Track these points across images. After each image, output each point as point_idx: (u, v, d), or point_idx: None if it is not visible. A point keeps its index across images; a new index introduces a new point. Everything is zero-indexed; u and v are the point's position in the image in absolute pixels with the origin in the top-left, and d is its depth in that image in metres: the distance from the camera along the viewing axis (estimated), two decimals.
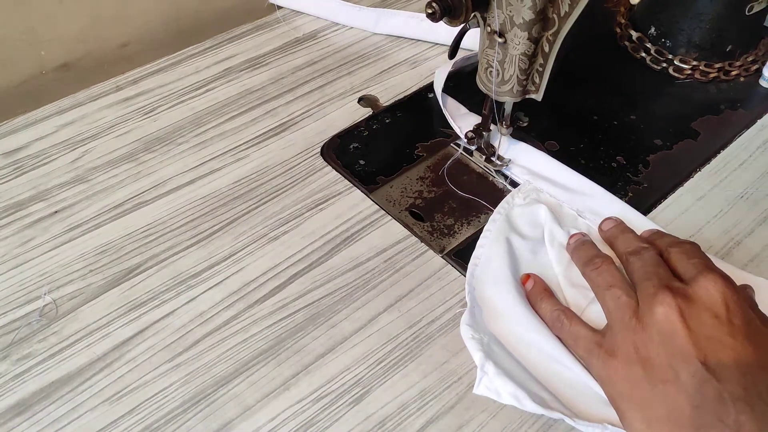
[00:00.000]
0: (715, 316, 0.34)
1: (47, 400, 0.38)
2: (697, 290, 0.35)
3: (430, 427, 0.37)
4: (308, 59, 0.62)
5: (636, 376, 0.35)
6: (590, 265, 0.41)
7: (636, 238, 0.42)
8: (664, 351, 0.34)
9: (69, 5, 0.58)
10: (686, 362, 0.33)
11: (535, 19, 0.40)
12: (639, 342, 0.35)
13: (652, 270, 0.37)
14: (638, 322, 0.36)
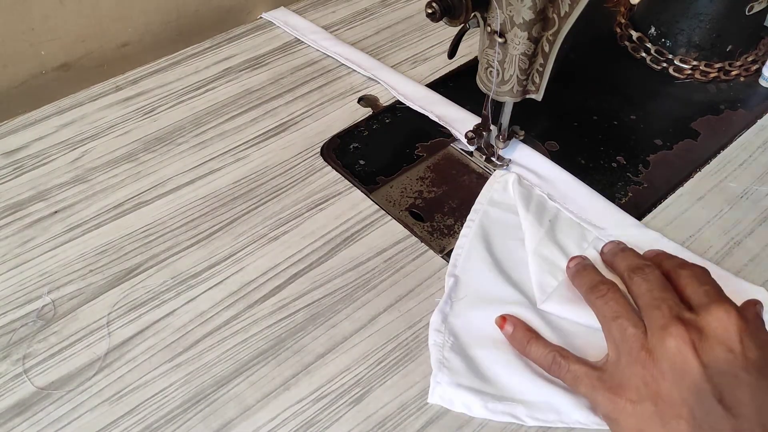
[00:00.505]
0: (730, 350, 0.33)
1: (47, 400, 0.38)
2: (710, 321, 0.34)
3: (430, 427, 0.37)
4: (308, 59, 0.62)
5: (646, 413, 0.33)
6: (595, 292, 0.39)
7: (637, 256, 0.41)
8: (677, 387, 0.33)
9: (69, 5, 0.58)
10: (701, 399, 0.32)
11: (535, 19, 0.40)
12: (649, 377, 0.34)
13: (660, 296, 0.36)
14: (648, 355, 0.34)
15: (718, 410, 0.32)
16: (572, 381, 0.37)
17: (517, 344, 0.40)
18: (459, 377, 0.39)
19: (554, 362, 0.38)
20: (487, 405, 0.38)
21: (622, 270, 0.40)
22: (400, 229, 0.47)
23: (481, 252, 0.45)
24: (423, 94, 0.57)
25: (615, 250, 0.43)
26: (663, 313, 0.35)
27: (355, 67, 0.60)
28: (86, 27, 0.61)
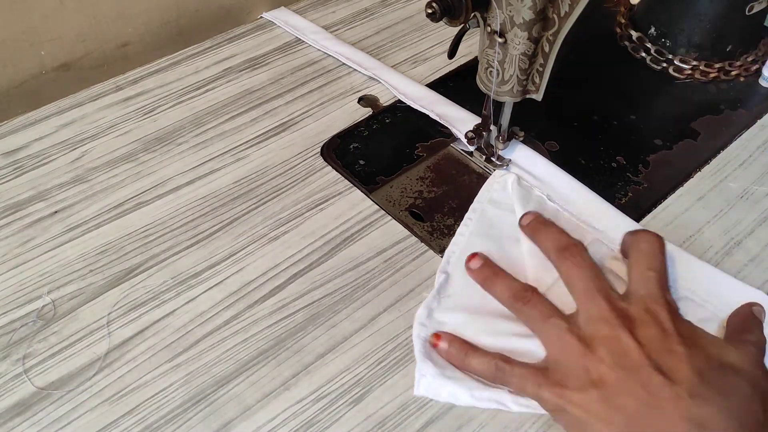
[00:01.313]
0: (663, 330, 0.36)
1: (47, 400, 0.38)
2: (642, 308, 0.37)
3: (430, 427, 0.37)
4: (308, 59, 0.62)
5: (592, 398, 0.34)
6: (519, 299, 0.40)
7: (560, 231, 0.42)
8: (618, 368, 0.35)
9: (69, 5, 0.58)
10: (641, 373, 0.34)
11: (535, 19, 0.40)
12: (590, 365, 0.35)
13: (594, 285, 0.38)
14: (586, 345, 0.36)
15: (659, 379, 0.33)
16: (518, 383, 0.37)
17: (455, 359, 0.39)
18: (443, 368, 0.39)
19: (497, 369, 0.38)
20: (473, 394, 0.38)
21: (549, 249, 0.42)
22: (400, 229, 0.47)
23: (475, 250, 0.45)
24: (423, 93, 0.57)
25: (535, 223, 0.44)
26: (597, 304, 0.37)
27: (356, 66, 0.60)
28: (86, 27, 0.61)
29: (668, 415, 0.33)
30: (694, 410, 0.32)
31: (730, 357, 0.35)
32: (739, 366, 0.35)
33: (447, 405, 0.38)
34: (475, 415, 0.38)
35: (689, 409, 0.32)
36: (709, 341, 0.37)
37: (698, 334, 0.37)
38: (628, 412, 0.33)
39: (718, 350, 0.36)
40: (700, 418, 0.32)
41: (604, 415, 0.34)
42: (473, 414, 0.38)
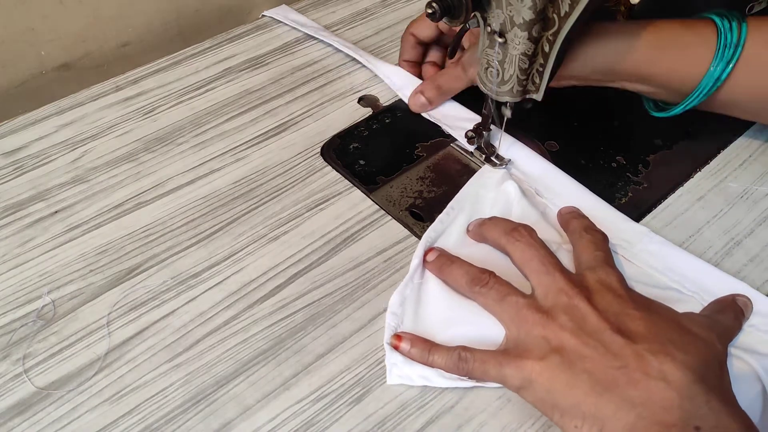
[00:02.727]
0: (619, 296, 0.37)
1: (47, 400, 0.38)
2: (598, 278, 0.39)
3: (429, 427, 0.37)
4: (308, 59, 0.62)
5: (554, 365, 0.35)
6: (476, 283, 0.40)
7: (504, 220, 0.44)
8: (578, 334, 0.35)
9: (69, 5, 0.58)
10: (602, 335, 0.35)
11: (535, 19, 0.40)
12: (550, 334, 0.36)
13: (547, 261, 0.40)
14: (545, 315, 0.37)
15: (619, 339, 0.34)
16: (480, 369, 0.37)
17: (418, 358, 0.39)
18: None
19: (460, 359, 0.38)
20: (444, 374, 0.38)
21: (497, 236, 0.43)
22: (400, 229, 0.47)
23: (454, 238, 0.45)
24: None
25: (479, 221, 0.45)
26: (553, 278, 0.38)
27: (363, 60, 0.60)
28: (86, 27, 0.61)
29: (631, 372, 0.33)
30: (656, 365, 0.33)
31: (686, 322, 0.37)
32: (695, 330, 0.36)
33: (447, 405, 0.38)
34: (475, 415, 0.38)
35: (651, 365, 0.33)
36: (665, 308, 0.38)
37: (653, 302, 0.39)
38: (592, 374, 0.34)
39: (674, 315, 0.38)
40: (662, 372, 0.33)
41: (568, 379, 0.34)
42: (473, 414, 0.38)
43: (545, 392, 0.35)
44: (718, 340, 0.36)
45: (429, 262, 0.44)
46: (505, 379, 0.37)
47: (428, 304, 0.42)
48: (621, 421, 0.32)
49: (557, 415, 0.35)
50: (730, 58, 0.44)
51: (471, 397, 0.39)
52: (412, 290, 0.43)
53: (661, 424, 0.32)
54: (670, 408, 0.32)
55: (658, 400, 0.32)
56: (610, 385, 0.33)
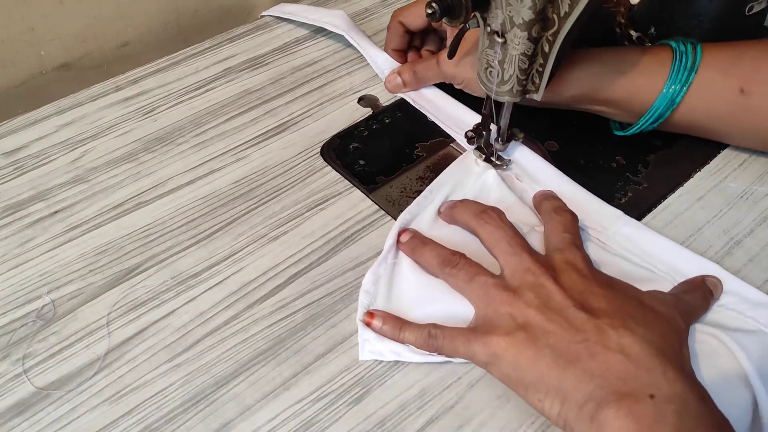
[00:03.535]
0: (583, 275, 0.39)
1: (47, 400, 0.38)
2: (564, 258, 0.40)
3: (429, 427, 0.37)
4: (308, 59, 0.62)
5: (520, 340, 0.36)
6: (447, 264, 0.41)
7: (475, 202, 0.45)
8: (543, 310, 0.37)
9: (69, 5, 0.58)
10: (565, 312, 0.36)
11: (535, 19, 0.40)
12: (516, 311, 0.37)
13: (515, 242, 0.41)
14: (512, 294, 0.38)
15: (582, 315, 0.36)
16: (450, 345, 0.39)
17: (390, 335, 0.40)
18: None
19: (430, 336, 0.39)
20: (415, 349, 0.40)
21: (467, 218, 0.44)
22: None
23: (428, 220, 0.46)
24: (425, 91, 0.58)
25: (451, 203, 0.46)
26: (520, 258, 0.40)
27: (352, 40, 0.60)
28: (86, 27, 0.61)
29: (592, 345, 0.35)
30: (615, 339, 0.35)
31: (648, 300, 0.38)
32: (657, 308, 0.38)
33: (447, 405, 0.38)
34: (475, 415, 0.38)
35: (611, 338, 0.35)
36: (628, 287, 0.40)
37: (617, 281, 0.40)
38: (555, 348, 0.35)
39: (636, 293, 0.39)
40: (621, 345, 0.34)
41: (533, 354, 0.36)
42: (473, 414, 0.38)
43: (511, 367, 0.36)
44: (680, 318, 0.38)
45: (402, 243, 0.45)
46: (474, 355, 0.38)
47: (401, 283, 0.43)
48: (581, 392, 0.34)
49: (522, 389, 0.36)
50: (684, 81, 0.46)
51: (471, 397, 0.39)
52: (386, 270, 0.44)
53: (618, 393, 0.33)
54: (627, 378, 0.33)
55: (616, 371, 0.34)
56: (572, 358, 0.35)
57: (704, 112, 0.48)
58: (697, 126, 0.49)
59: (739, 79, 0.46)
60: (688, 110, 0.47)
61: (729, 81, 0.46)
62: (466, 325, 0.40)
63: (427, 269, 0.43)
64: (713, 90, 0.46)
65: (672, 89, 0.46)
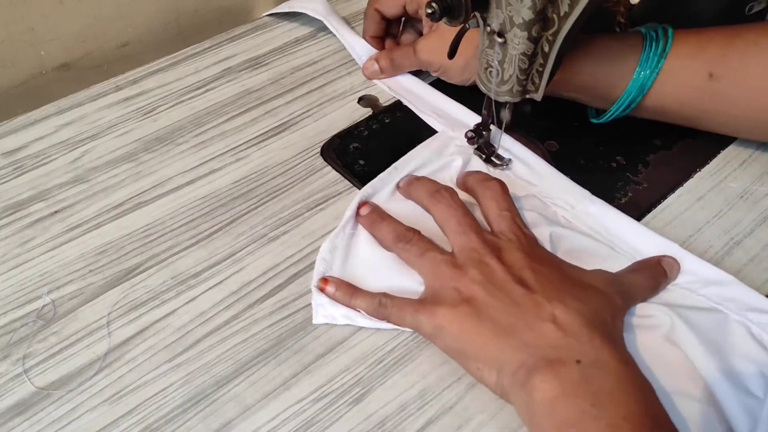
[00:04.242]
0: (525, 253, 0.41)
1: (47, 400, 0.38)
2: (506, 239, 0.42)
3: (430, 427, 0.37)
4: (308, 59, 0.62)
5: (464, 313, 0.38)
6: (402, 239, 0.43)
7: (431, 181, 0.47)
8: (486, 286, 0.39)
9: (69, 5, 0.58)
10: (506, 287, 0.39)
11: (535, 19, 0.40)
12: (461, 286, 0.39)
13: (464, 222, 0.43)
14: (459, 270, 0.40)
15: (520, 290, 0.38)
16: (398, 315, 0.40)
17: (342, 301, 0.42)
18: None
19: (380, 305, 0.41)
20: (366, 316, 0.41)
21: (421, 196, 0.46)
22: None
23: (389, 193, 0.48)
24: (422, 91, 0.58)
25: (408, 179, 0.48)
26: (468, 237, 0.42)
27: (331, 27, 0.61)
28: (86, 27, 0.61)
29: (528, 317, 0.37)
30: (549, 310, 0.37)
31: (586, 277, 0.40)
32: (594, 284, 0.40)
33: (446, 405, 0.38)
34: (475, 415, 0.38)
35: (545, 310, 0.37)
36: (568, 265, 0.42)
37: (558, 259, 0.42)
38: (496, 321, 0.37)
39: (575, 271, 0.41)
40: (554, 316, 0.36)
41: (475, 326, 0.38)
42: (473, 414, 0.38)
43: (453, 338, 0.38)
44: (617, 295, 0.39)
45: (362, 216, 0.46)
46: (419, 326, 0.40)
47: (357, 253, 0.45)
48: (515, 360, 0.36)
49: (463, 358, 0.38)
50: (654, 66, 0.46)
51: (471, 397, 0.39)
52: (343, 239, 0.45)
53: (547, 360, 0.35)
54: (557, 346, 0.35)
55: (548, 340, 0.36)
56: (510, 329, 0.37)
57: (674, 97, 0.48)
58: (669, 111, 0.49)
59: (708, 64, 0.46)
60: (658, 96, 0.48)
61: (697, 66, 0.46)
62: (416, 297, 0.42)
63: (382, 243, 0.44)
64: (682, 75, 0.47)
65: (642, 75, 0.47)
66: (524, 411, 0.35)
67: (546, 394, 0.34)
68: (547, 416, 0.34)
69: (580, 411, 0.33)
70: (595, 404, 0.33)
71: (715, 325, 0.40)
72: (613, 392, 0.33)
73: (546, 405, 0.34)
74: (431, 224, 0.45)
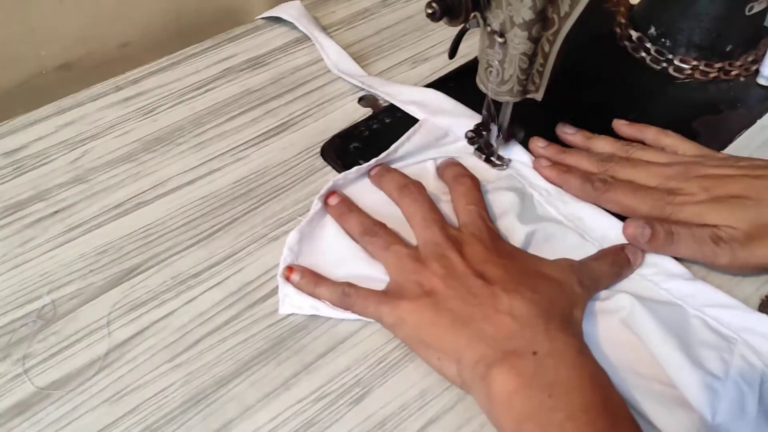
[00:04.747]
0: (486, 247, 0.42)
1: (47, 400, 0.38)
2: (469, 233, 0.43)
3: (430, 427, 0.37)
4: (308, 59, 0.62)
5: (424, 306, 0.39)
6: (368, 234, 0.44)
7: (401, 175, 0.48)
8: (447, 279, 0.40)
9: (69, 5, 0.58)
10: (465, 281, 0.39)
11: (535, 19, 0.41)
12: (423, 279, 0.40)
13: (429, 217, 0.44)
14: (422, 264, 0.41)
15: (478, 282, 0.39)
16: (361, 305, 0.41)
17: (306, 289, 0.42)
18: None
19: (343, 294, 0.41)
20: (332, 306, 0.42)
21: (391, 190, 0.47)
22: None
23: (365, 184, 0.49)
24: (417, 97, 0.56)
25: (380, 170, 0.49)
26: (432, 231, 0.43)
27: (345, 76, 0.59)
28: (86, 27, 0.61)
29: (485, 308, 0.38)
30: (506, 302, 0.38)
31: (545, 268, 0.41)
32: (554, 275, 0.40)
33: (447, 405, 0.38)
34: (475, 415, 0.38)
35: (503, 302, 0.38)
36: (528, 257, 0.43)
37: (518, 252, 0.43)
38: (453, 312, 0.38)
39: (535, 262, 0.42)
40: (511, 307, 0.37)
41: (433, 316, 0.38)
42: (473, 414, 0.38)
43: (413, 329, 0.39)
44: (577, 283, 0.40)
45: (330, 206, 0.47)
46: (381, 317, 0.40)
47: (324, 243, 0.45)
48: (473, 352, 0.36)
49: (423, 349, 0.39)
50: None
51: (471, 397, 0.38)
52: (312, 229, 0.46)
53: (504, 352, 0.36)
54: (513, 337, 0.36)
55: (505, 331, 0.37)
56: (468, 320, 0.38)
57: None
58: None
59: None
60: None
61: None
62: (382, 286, 0.42)
63: (350, 235, 0.45)
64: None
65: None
66: (484, 404, 0.36)
67: (504, 387, 0.35)
68: (506, 410, 0.34)
69: (537, 403, 0.33)
70: (552, 395, 0.33)
71: (674, 317, 0.41)
72: (570, 382, 0.34)
73: (504, 398, 0.34)
74: (401, 215, 0.47)
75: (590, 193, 0.47)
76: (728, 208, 0.43)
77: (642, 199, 0.45)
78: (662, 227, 0.43)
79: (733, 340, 0.39)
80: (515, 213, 0.46)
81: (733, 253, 0.42)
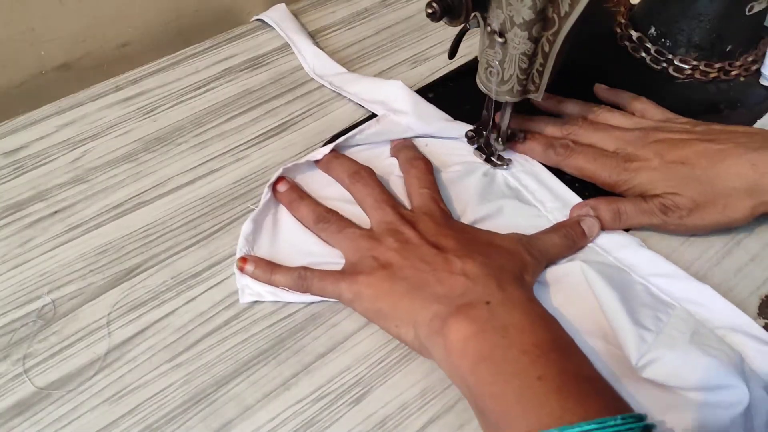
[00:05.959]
0: (437, 222, 0.43)
1: (47, 400, 0.38)
2: (421, 211, 0.44)
3: (430, 427, 0.37)
4: None
5: (380, 278, 0.40)
6: (321, 221, 0.45)
7: (350, 160, 0.49)
8: (400, 252, 0.41)
9: (69, 5, 0.58)
10: (419, 250, 0.41)
11: (535, 19, 0.41)
12: (378, 254, 0.41)
13: (381, 198, 0.45)
14: (375, 240, 0.42)
15: (433, 251, 0.41)
16: (319, 285, 0.42)
17: (262, 277, 0.43)
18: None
19: (300, 277, 0.42)
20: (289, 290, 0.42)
21: (341, 176, 0.48)
22: None
23: (319, 175, 0.49)
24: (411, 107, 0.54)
25: (329, 157, 0.49)
26: (385, 212, 0.44)
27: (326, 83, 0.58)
28: (86, 27, 0.61)
29: (439, 273, 0.39)
30: (459, 265, 0.39)
31: (496, 240, 0.43)
32: (504, 245, 0.42)
33: (447, 404, 0.38)
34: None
35: (455, 265, 0.39)
36: (480, 231, 0.44)
37: (470, 227, 0.45)
38: (410, 280, 0.39)
39: (486, 235, 0.44)
40: (463, 269, 0.39)
41: (390, 287, 0.40)
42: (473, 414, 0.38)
43: (371, 301, 0.40)
44: (525, 251, 0.42)
45: (279, 192, 0.48)
46: (341, 293, 0.41)
47: (280, 231, 0.46)
48: (428, 312, 0.38)
49: (381, 319, 0.40)
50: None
51: None
52: (266, 218, 0.46)
53: (458, 306, 0.37)
54: (465, 293, 0.38)
55: (458, 290, 0.38)
56: (422, 285, 0.39)
57: None
58: None
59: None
60: None
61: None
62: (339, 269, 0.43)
63: (302, 223, 0.46)
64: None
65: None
66: (441, 356, 0.37)
67: (459, 335, 0.36)
68: (462, 355, 0.35)
69: (491, 344, 0.35)
70: (506, 336, 0.35)
71: (619, 278, 0.43)
72: (522, 324, 0.36)
73: (460, 344, 0.36)
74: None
75: (552, 158, 0.49)
76: (677, 176, 0.44)
77: (601, 165, 0.47)
78: (608, 209, 0.45)
79: (672, 306, 0.41)
80: (477, 193, 0.48)
81: (681, 220, 0.44)
